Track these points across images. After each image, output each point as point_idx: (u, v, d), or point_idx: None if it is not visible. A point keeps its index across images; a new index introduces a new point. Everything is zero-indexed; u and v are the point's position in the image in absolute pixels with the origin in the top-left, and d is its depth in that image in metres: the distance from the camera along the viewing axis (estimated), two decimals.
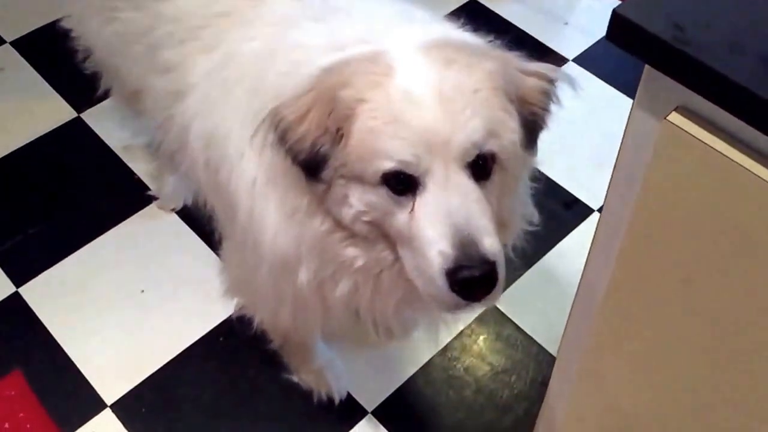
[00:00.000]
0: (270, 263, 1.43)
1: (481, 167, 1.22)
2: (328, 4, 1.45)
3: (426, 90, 1.18)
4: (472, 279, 1.19)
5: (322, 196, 1.29)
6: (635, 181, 1.12)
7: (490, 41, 1.41)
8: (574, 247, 2.26)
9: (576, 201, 2.37)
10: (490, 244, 1.20)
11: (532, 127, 1.30)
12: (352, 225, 1.29)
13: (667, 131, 1.03)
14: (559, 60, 2.73)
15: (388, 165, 1.19)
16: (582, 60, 2.70)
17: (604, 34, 1.04)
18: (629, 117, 1.11)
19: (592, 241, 1.31)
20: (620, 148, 1.14)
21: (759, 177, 0.97)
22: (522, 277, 2.21)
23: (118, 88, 2.01)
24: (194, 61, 1.57)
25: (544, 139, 2.41)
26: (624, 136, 1.13)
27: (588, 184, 2.41)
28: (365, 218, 1.27)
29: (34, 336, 2.10)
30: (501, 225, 1.32)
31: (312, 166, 1.25)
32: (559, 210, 2.36)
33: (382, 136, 1.19)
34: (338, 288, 1.40)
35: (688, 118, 1.02)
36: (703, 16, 0.99)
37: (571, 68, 2.68)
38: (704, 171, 1.02)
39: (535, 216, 1.50)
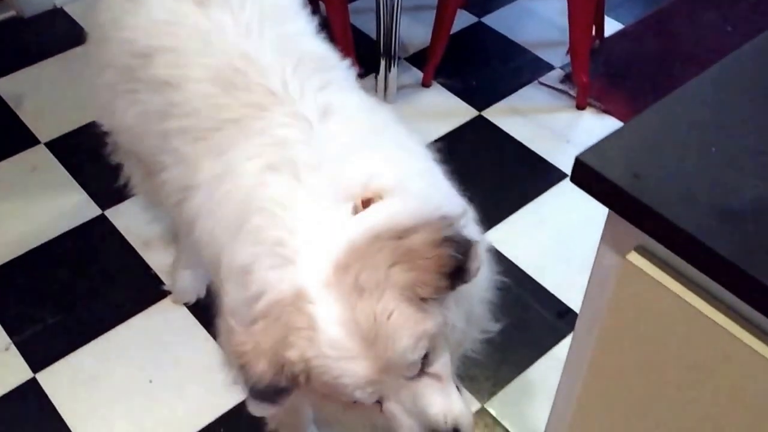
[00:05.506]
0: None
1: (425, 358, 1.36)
2: (319, 145, 1.52)
3: (349, 337, 1.30)
4: None
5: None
6: (602, 312, 1.21)
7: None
8: (566, 354, 2.32)
9: (569, 311, 2.45)
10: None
11: (452, 277, 1.37)
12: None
13: (627, 269, 1.09)
14: (558, 175, 2.85)
15: (348, 400, 1.35)
16: None
17: None
18: (597, 251, 1.21)
19: (565, 361, 1.40)
20: (588, 280, 1.24)
21: (711, 319, 1.02)
22: (513, 381, 2.28)
23: (137, 171, 2.11)
24: (202, 163, 1.64)
25: (540, 250, 2.52)
26: (592, 268, 1.23)
27: (581, 295, 2.47)
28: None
29: (47, 421, 2.18)
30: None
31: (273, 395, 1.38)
32: (553, 319, 2.44)
33: (335, 385, 1.33)
34: None
35: (647, 259, 1.07)
36: (661, 166, 1.04)
37: (570, 184, 2.76)
38: (660, 309, 1.08)
39: (491, 326, 1.60)
